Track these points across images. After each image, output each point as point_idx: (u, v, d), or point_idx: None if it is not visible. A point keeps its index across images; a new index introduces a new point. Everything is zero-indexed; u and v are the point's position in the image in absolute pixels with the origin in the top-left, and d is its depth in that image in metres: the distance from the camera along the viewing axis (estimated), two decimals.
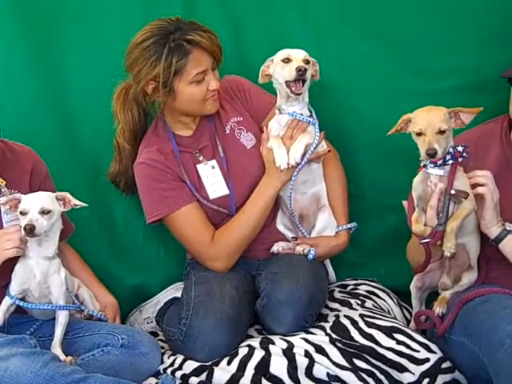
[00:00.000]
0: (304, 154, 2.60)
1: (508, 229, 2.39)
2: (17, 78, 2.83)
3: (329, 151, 2.73)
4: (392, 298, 2.86)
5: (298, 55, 2.57)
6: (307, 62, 2.57)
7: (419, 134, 2.31)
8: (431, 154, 2.27)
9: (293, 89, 2.56)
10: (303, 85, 2.57)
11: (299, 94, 2.57)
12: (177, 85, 2.58)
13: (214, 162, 2.76)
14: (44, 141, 2.82)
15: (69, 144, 2.93)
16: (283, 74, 2.57)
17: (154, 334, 2.79)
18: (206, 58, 2.59)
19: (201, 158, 2.76)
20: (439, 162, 2.33)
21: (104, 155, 2.85)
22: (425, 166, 2.37)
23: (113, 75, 2.70)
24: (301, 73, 2.52)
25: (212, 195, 2.73)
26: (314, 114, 2.66)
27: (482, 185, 2.35)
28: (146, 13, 2.77)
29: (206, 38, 2.57)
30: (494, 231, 2.38)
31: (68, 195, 2.40)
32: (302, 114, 2.63)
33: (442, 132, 2.29)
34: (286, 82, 2.57)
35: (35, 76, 2.87)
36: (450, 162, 2.34)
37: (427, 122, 2.30)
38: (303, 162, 2.61)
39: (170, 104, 2.67)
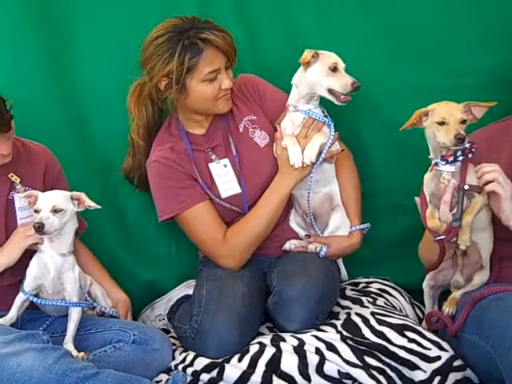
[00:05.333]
0: (319, 154, 2.60)
1: None
2: (29, 76, 2.84)
3: (342, 150, 2.72)
4: (404, 296, 2.85)
5: (343, 65, 2.55)
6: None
7: (441, 124, 2.30)
8: (461, 139, 2.25)
9: (342, 98, 2.55)
10: None
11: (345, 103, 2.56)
12: (189, 82, 2.59)
13: (226, 161, 2.76)
14: (56, 138, 2.83)
15: (81, 141, 2.94)
16: (330, 83, 2.54)
17: (166, 331, 2.80)
18: (219, 57, 2.59)
19: (213, 157, 2.77)
20: (450, 159, 2.32)
21: (116, 152, 2.87)
22: (436, 164, 2.36)
23: (126, 73, 2.71)
24: (356, 89, 2.52)
25: (224, 194, 2.73)
26: (327, 114, 2.66)
27: (491, 181, 2.33)
28: (161, 12, 2.78)
29: (220, 37, 2.58)
30: None
31: (83, 196, 2.43)
32: (317, 113, 2.62)
33: (463, 122, 2.30)
34: (330, 89, 2.55)
35: (48, 74, 2.88)
36: (461, 158, 2.33)
37: (449, 112, 2.30)
38: (318, 162, 2.61)
39: (182, 102, 2.68)
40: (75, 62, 2.89)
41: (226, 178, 2.75)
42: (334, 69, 2.54)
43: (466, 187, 2.31)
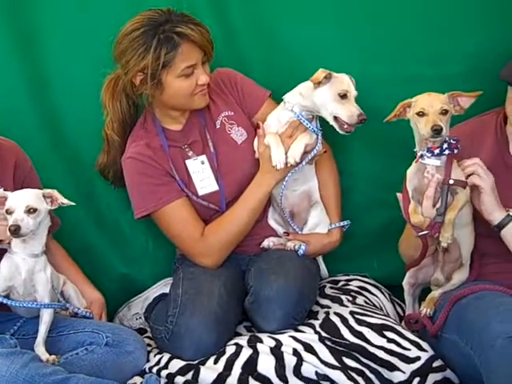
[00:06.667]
0: (303, 154, 2.56)
1: None
2: None
3: (325, 152, 2.68)
4: (384, 294, 2.82)
5: (353, 93, 2.48)
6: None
7: (421, 115, 2.28)
8: (438, 130, 2.23)
9: (345, 127, 2.49)
10: None
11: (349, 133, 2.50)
12: (165, 78, 2.54)
13: (203, 158, 2.71)
14: (27, 133, 2.77)
15: (54, 136, 2.87)
16: (336, 110, 2.48)
17: (143, 331, 2.78)
18: (195, 51, 2.54)
19: (190, 154, 2.72)
20: (436, 151, 2.30)
21: (90, 148, 2.82)
22: (421, 156, 2.34)
23: (100, 66, 2.65)
24: (363, 122, 2.46)
25: (201, 191, 2.69)
26: (317, 121, 2.61)
27: (471, 174, 2.33)
28: (135, 3, 2.70)
29: (197, 31, 2.52)
30: (497, 216, 2.34)
31: (56, 193, 2.36)
32: (306, 120, 2.57)
33: (444, 113, 2.28)
34: (335, 116, 2.49)
35: (18, 67, 2.80)
36: (447, 152, 2.31)
37: (429, 103, 2.29)
38: (303, 163, 2.58)
39: (157, 97, 2.62)
40: (46, 54, 2.81)
41: (203, 175, 2.70)
42: (344, 96, 2.48)
43: (451, 181, 2.30)
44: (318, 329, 2.45)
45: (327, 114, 2.52)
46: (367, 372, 2.32)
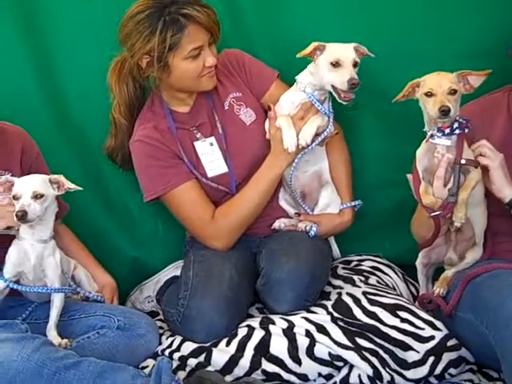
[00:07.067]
0: (314, 136, 2.53)
1: None
2: (4, 55, 2.74)
3: (336, 133, 2.65)
4: (397, 273, 2.80)
5: (349, 59, 2.44)
6: (355, 64, 2.45)
7: (429, 95, 2.26)
8: (445, 111, 2.21)
9: (342, 95, 2.45)
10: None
11: (349, 101, 2.47)
12: (171, 60, 2.51)
13: (212, 139, 2.69)
14: (34, 117, 2.75)
15: (60, 120, 2.85)
16: (331, 78, 2.46)
17: (155, 313, 2.77)
18: (202, 33, 2.50)
19: (198, 135, 2.69)
20: (447, 131, 2.28)
21: (98, 131, 2.79)
22: (431, 136, 2.31)
23: (105, 49, 2.62)
24: (354, 86, 2.41)
25: (210, 173, 2.67)
26: (329, 103, 2.58)
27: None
28: None
29: (203, 12, 2.48)
30: (507, 193, 2.31)
31: (62, 178, 2.34)
32: (319, 104, 2.54)
33: (452, 93, 2.25)
34: (333, 86, 2.47)
35: (22, 51, 2.77)
36: (457, 131, 2.28)
37: (438, 82, 2.26)
38: (313, 144, 2.55)
39: (164, 79, 2.59)
40: (52, 37, 2.78)
41: (212, 157, 2.68)
42: (336, 64, 2.44)
43: (463, 161, 2.27)
44: (331, 309, 2.42)
45: (327, 85, 2.49)
46: (381, 352, 2.30)
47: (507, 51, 2.46)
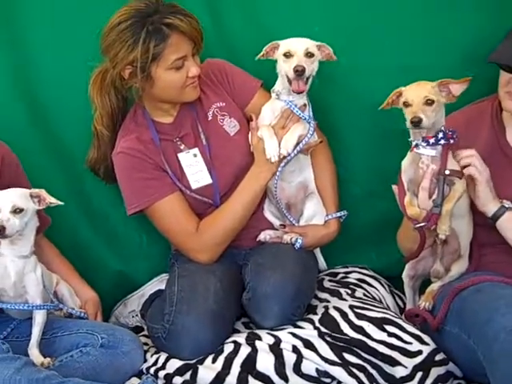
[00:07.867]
0: (296, 145, 2.51)
1: (506, 206, 2.33)
2: None
3: (320, 142, 2.63)
4: (384, 286, 2.79)
5: (300, 49, 2.45)
6: (310, 55, 2.45)
7: (407, 106, 2.26)
8: (415, 122, 2.21)
9: (293, 85, 2.46)
10: (306, 82, 2.47)
11: (300, 93, 2.47)
12: (154, 70, 2.48)
13: (196, 151, 2.66)
14: (15, 130, 2.71)
15: (42, 132, 2.81)
16: (284, 68, 2.48)
17: (140, 329, 2.74)
18: (185, 43, 2.48)
19: (182, 147, 2.66)
20: (431, 141, 2.27)
21: (80, 143, 2.76)
22: (416, 145, 2.30)
23: (87, 59, 2.60)
24: (298, 73, 2.42)
25: (194, 185, 2.64)
26: (310, 109, 2.56)
27: (467, 166, 2.31)
28: None
29: (186, 22, 2.46)
30: (491, 208, 2.32)
31: (43, 192, 2.30)
32: (296, 106, 2.52)
33: (428, 103, 2.24)
34: (287, 77, 2.47)
35: (2, 62, 2.73)
36: (442, 141, 2.28)
37: (414, 93, 2.26)
38: (293, 154, 2.52)
39: (147, 90, 2.56)
40: (32, 48, 2.75)
41: (196, 169, 2.65)
42: (288, 54, 2.46)
43: (447, 172, 2.27)
44: (318, 324, 2.41)
45: (284, 78, 2.49)
46: (369, 368, 2.28)
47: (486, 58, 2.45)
